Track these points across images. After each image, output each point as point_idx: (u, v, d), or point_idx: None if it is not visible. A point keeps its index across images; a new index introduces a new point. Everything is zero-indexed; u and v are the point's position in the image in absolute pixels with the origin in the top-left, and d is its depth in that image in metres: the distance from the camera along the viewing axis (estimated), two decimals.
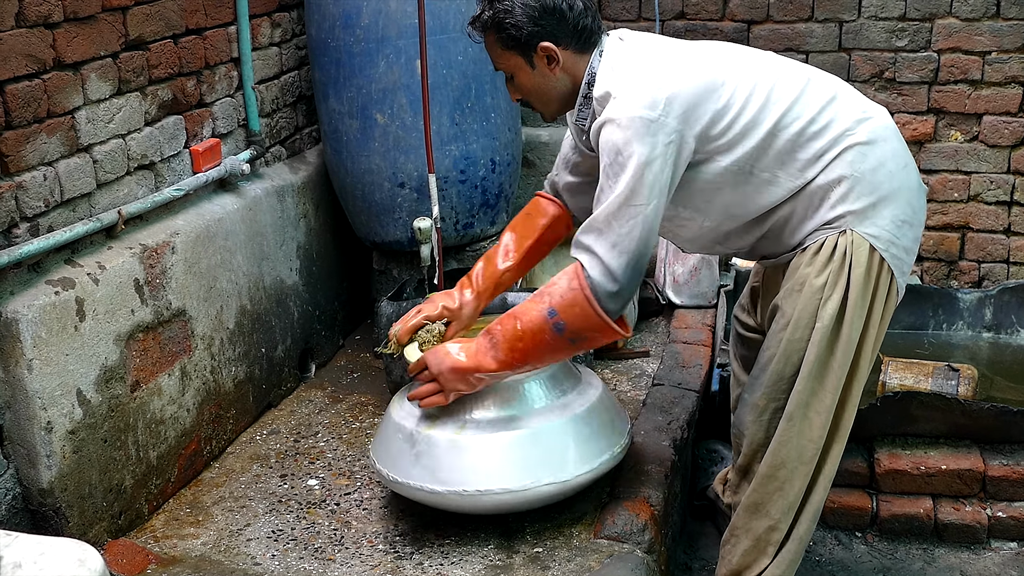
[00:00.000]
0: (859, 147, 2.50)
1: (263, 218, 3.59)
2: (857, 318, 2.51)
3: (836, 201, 2.50)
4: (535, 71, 2.60)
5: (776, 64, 2.61)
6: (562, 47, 2.56)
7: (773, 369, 2.60)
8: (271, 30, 3.79)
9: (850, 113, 2.54)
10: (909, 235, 2.57)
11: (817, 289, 2.51)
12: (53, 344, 2.60)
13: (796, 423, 2.57)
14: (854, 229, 2.49)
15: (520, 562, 2.66)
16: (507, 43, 2.57)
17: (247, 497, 3.08)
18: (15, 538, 1.65)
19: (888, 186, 2.52)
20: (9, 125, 2.55)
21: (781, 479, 2.61)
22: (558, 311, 2.48)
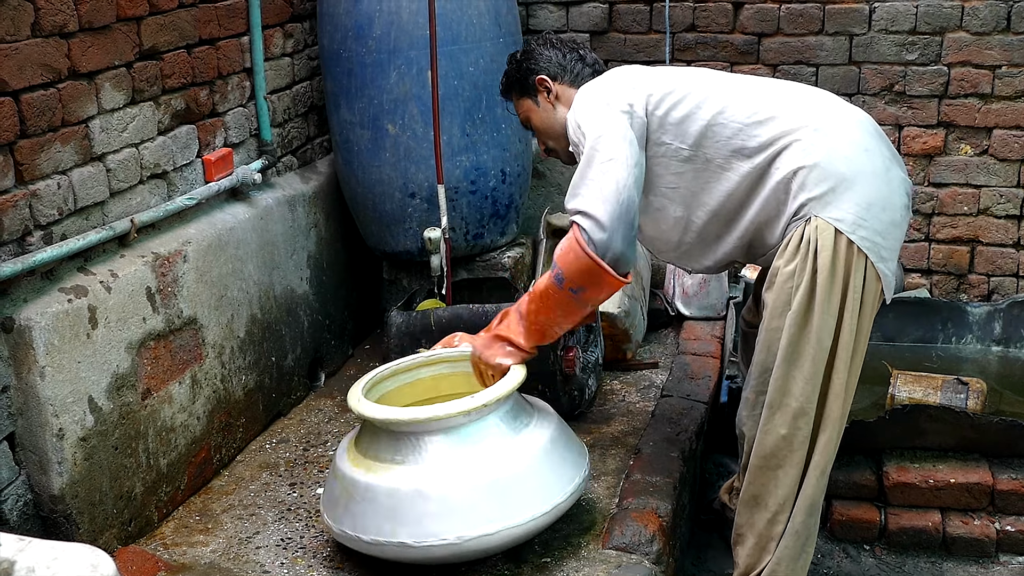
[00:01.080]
0: (810, 137, 2.59)
1: (274, 227, 3.61)
2: (828, 302, 2.54)
3: (796, 191, 2.58)
4: (540, 108, 2.94)
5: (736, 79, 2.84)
6: (556, 81, 2.92)
7: (756, 360, 2.67)
8: (283, 41, 3.81)
9: (807, 108, 2.67)
10: (882, 218, 2.58)
11: (787, 278, 2.58)
12: (65, 351, 2.62)
13: (777, 412, 2.61)
14: (818, 215, 2.55)
15: (528, 572, 2.67)
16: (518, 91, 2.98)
17: (256, 505, 3.09)
18: (28, 543, 1.66)
19: (846, 169, 2.57)
20: (24, 134, 2.57)
21: (772, 468, 2.64)
22: (557, 263, 2.63)
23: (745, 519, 2.72)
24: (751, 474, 2.68)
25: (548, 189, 4.68)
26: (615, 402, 3.66)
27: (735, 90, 2.71)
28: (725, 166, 2.66)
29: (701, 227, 2.77)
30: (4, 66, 2.49)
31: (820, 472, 2.65)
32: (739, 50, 4.53)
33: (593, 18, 4.67)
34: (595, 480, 3.11)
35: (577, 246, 2.57)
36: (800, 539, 2.68)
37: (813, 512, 2.69)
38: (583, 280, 2.61)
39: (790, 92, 2.74)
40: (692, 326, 4.22)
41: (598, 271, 2.57)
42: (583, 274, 2.60)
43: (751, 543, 2.71)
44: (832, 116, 2.66)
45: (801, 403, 2.58)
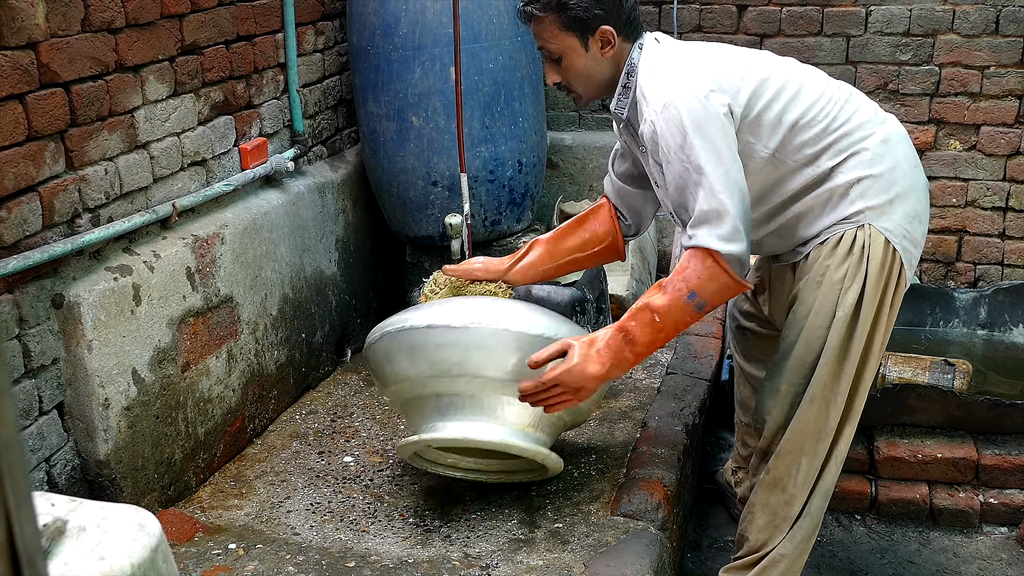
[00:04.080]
0: (876, 147, 2.53)
1: (305, 213, 3.61)
2: (871, 307, 2.52)
3: (856, 197, 2.51)
4: (588, 53, 2.57)
5: (798, 65, 2.65)
6: (617, 32, 2.55)
7: (795, 356, 2.59)
8: (315, 38, 3.81)
9: (866, 114, 2.58)
10: (919, 230, 2.58)
11: (837, 280, 2.52)
12: (111, 326, 2.63)
13: (816, 405, 2.57)
14: (871, 224, 2.50)
15: (541, 536, 2.68)
16: (568, 24, 2.53)
17: (287, 472, 3.10)
18: (80, 503, 1.67)
19: (902, 184, 2.54)
20: (74, 123, 2.58)
21: (798, 455, 2.61)
22: (698, 292, 2.42)
23: (762, 499, 2.69)
24: (776, 459, 2.64)
25: (561, 179, 4.68)
26: (623, 379, 3.66)
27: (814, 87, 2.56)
28: (796, 168, 2.54)
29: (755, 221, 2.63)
30: (56, 59, 2.49)
31: (840, 461, 2.65)
32: None
33: None
34: (604, 451, 3.12)
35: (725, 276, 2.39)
36: (815, 521, 2.68)
37: (828, 496, 2.68)
38: (722, 298, 2.50)
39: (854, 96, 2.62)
40: None
41: (738, 287, 2.47)
42: (726, 296, 2.50)
43: (764, 521, 2.68)
44: (891, 128, 2.60)
45: (841, 399, 2.56)
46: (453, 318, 2.62)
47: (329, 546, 2.68)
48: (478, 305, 2.68)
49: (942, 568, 3.19)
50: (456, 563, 2.57)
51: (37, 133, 2.46)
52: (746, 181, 2.48)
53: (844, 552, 3.28)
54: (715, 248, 2.38)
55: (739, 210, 2.39)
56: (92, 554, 1.55)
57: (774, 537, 2.67)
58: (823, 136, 2.52)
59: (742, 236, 2.40)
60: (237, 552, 2.63)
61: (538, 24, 2.58)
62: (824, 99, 2.55)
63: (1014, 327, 4.06)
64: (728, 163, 2.40)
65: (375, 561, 2.59)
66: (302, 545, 2.68)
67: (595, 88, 2.65)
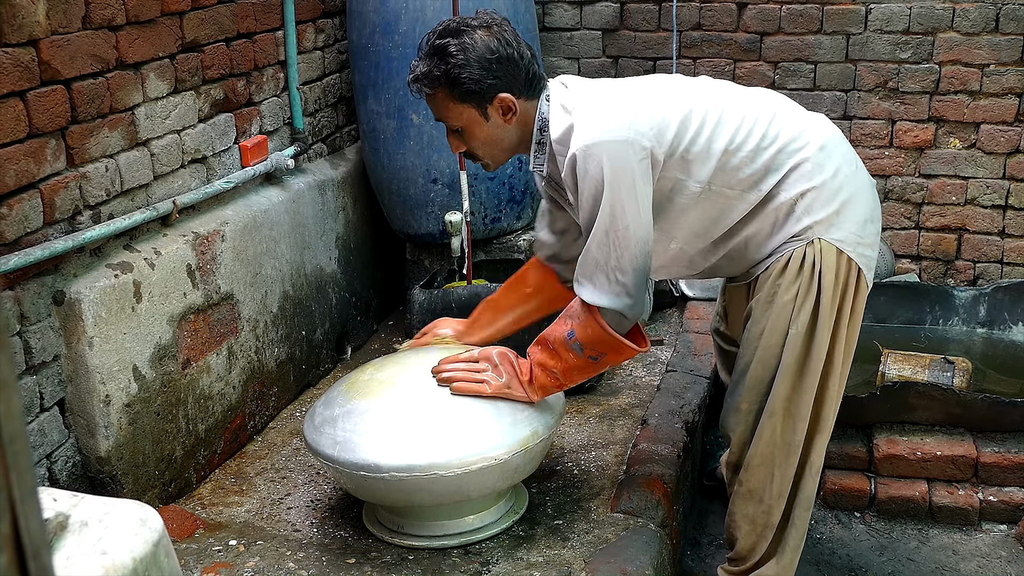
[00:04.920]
0: (814, 157, 2.45)
1: (305, 210, 3.62)
2: (828, 320, 2.47)
3: (801, 213, 2.44)
4: (489, 123, 2.45)
5: (716, 89, 2.56)
6: (515, 96, 2.43)
7: (751, 375, 2.56)
8: (315, 35, 3.82)
9: (795, 126, 2.49)
10: (871, 230, 2.52)
11: (787, 302, 2.47)
12: (112, 323, 2.64)
13: (778, 419, 2.55)
14: (821, 237, 2.45)
15: (541, 533, 2.68)
16: (463, 97, 2.40)
17: (287, 469, 3.11)
18: (81, 499, 1.68)
19: (847, 190, 2.47)
20: (75, 120, 2.59)
21: (769, 467, 2.60)
22: (579, 338, 2.45)
23: (740, 509, 2.68)
24: (747, 472, 2.63)
25: None
26: (623, 377, 3.67)
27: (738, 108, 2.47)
28: (738, 195, 2.46)
29: (694, 254, 2.61)
30: (57, 56, 2.50)
31: (815, 471, 2.63)
32: (742, 48, 4.52)
33: (605, 16, 4.66)
34: (604, 449, 3.12)
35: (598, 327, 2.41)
36: (800, 531, 2.67)
37: (810, 506, 2.67)
38: (606, 351, 2.48)
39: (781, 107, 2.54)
40: (695, 306, 4.23)
41: (622, 347, 2.47)
42: (608, 350, 2.48)
43: (746, 530, 2.68)
44: (825, 132, 2.51)
45: (804, 412, 2.54)
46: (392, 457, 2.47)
47: (329, 543, 2.68)
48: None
49: (941, 565, 3.20)
50: (456, 559, 2.57)
51: (38, 130, 2.47)
52: (679, 218, 2.48)
53: (843, 549, 3.29)
54: (591, 302, 2.41)
55: (625, 267, 2.37)
56: (94, 549, 1.56)
57: (760, 544, 2.67)
58: (756, 156, 2.44)
59: (626, 294, 2.39)
60: (238, 548, 2.64)
61: (431, 100, 2.47)
62: (749, 120, 2.46)
63: (1013, 325, 4.07)
64: (630, 219, 2.34)
65: (375, 558, 2.60)
66: (302, 542, 2.69)
67: (504, 153, 2.54)
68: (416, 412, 2.52)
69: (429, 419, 2.50)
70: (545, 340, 2.53)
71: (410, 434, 2.48)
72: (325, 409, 2.65)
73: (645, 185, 2.36)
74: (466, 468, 2.44)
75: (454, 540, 2.63)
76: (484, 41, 2.40)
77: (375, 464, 2.45)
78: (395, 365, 2.72)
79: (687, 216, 2.50)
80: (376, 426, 2.51)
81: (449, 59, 2.39)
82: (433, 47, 2.43)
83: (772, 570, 2.68)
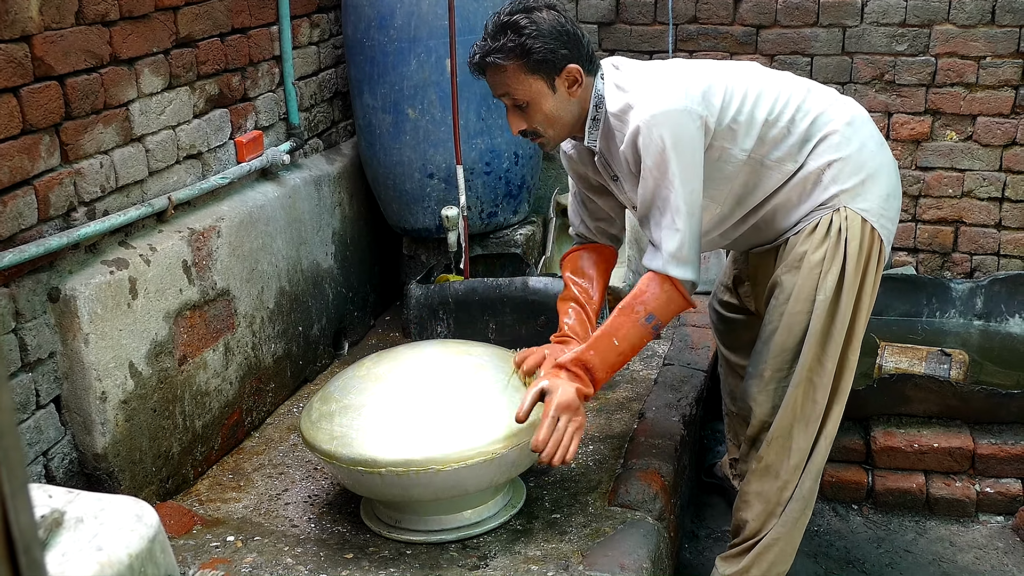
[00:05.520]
0: (842, 130, 2.57)
1: (301, 206, 3.61)
2: (853, 287, 2.55)
3: (828, 183, 2.55)
4: (556, 95, 2.53)
5: (753, 69, 2.70)
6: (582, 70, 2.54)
7: (776, 341, 2.62)
8: (310, 30, 3.81)
9: (825, 101, 2.63)
10: (894, 206, 2.63)
11: (815, 264, 2.55)
12: (108, 320, 2.63)
13: (803, 389, 2.60)
14: (847, 206, 2.54)
15: (539, 527, 2.68)
16: (534, 67, 2.49)
17: (285, 464, 3.11)
18: (77, 495, 1.67)
19: (872, 164, 2.58)
20: (69, 116, 2.58)
21: (788, 439, 2.63)
22: (656, 314, 2.50)
23: (755, 487, 2.70)
24: (766, 446, 2.65)
25: (558, 171, 4.67)
26: (621, 371, 3.66)
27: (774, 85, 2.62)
28: (774, 166, 2.58)
29: (731, 223, 2.71)
30: (51, 52, 2.49)
31: (829, 440, 2.66)
32: (738, 41, 4.51)
33: (601, 10, 4.65)
34: (601, 442, 3.12)
35: (681, 298, 2.50)
36: (804, 503, 2.69)
37: (819, 477, 2.70)
38: (673, 316, 2.59)
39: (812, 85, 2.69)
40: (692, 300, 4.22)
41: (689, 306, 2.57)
42: (676, 314, 2.58)
43: (759, 509, 2.69)
44: (854, 110, 2.64)
45: (827, 381, 2.58)
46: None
47: (327, 538, 2.68)
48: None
49: (938, 557, 3.20)
50: (454, 553, 2.57)
51: (32, 126, 2.46)
52: (723, 185, 2.59)
53: (841, 541, 3.29)
54: (674, 275, 2.48)
55: (694, 234, 2.48)
56: (90, 545, 1.55)
57: (769, 522, 2.69)
58: (792, 127, 2.56)
59: (695, 260, 2.50)
60: (235, 544, 2.63)
61: (499, 74, 2.53)
62: (785, 94, 2.60)
63: (1010, 317, 4.07)
64: (693, 185, 2.45)
65: (373, 553, 2.59)
66: (300, 537, 2.69)
67: (565, 129, 2.61)
68: (413, 407, 2.52)
69: (426, 414, 2.50)
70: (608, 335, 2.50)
71: (407, 429, 2.47)
72: (322, 405, 2.65)
73: (701, 152, 2.49)
74: (463, 462, 2.44)
75: (452, 535, 2.63)
76: (553, 16, 2.54)
77: (372, 459, 2.45)
78: (392, 360, 2.72)
79: (732, 184, 2.61)
80: (373, 421, 2.51)
81: (523, 31, 2.49)
82: (503, 23, 2.52)
83: (775, 534, 2.69)
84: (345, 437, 2.50)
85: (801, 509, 2.69)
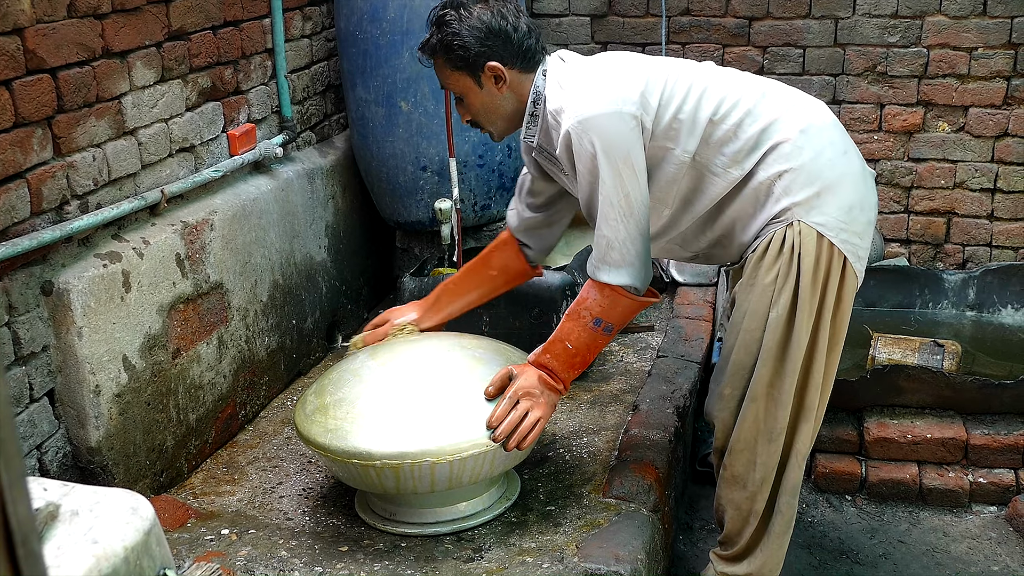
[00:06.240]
0: (795, 139, 2.47)
1: (294, 199, 3.61)
2: (810, 305, 2.47)
3: (780, 195, 2.46)
4: (483, 90, 2.57)
5: (705, 67, 2.63)
6: (508, 67, 2.54)
7: (734, 360, 2.58)
8: (303, 23, 3.80)
9: (780, 107, 2.52)
10: (860, 219, 2.50)
11: (768, 284, 2.48)
12: (101, 313, 2.63)
13: (760, 404, 2.55)
14: (801, 220, 2.45)
15: (534, 519, 2.68)
16: (456, 64, 2.54)
17: (279, 458, 3.10)
18: (72, 488, 1.67)
19: (830, 174, 2.47)
20: (61, 109, 2.57)
21: (751, 452, 2.60)
22: (604, 318, 2.52)
23: (725, 494, 2.69)
24: (730, 456, 2.63)
25: None
26: (614, 362, 3.67)
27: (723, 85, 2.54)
28: (719, 173, 2.51)
29: (685, 228, 2.65)
30: (43, 45, 2.48)
31: (801, 458, 2.62)
32: (731, 33, 4.51)
33: (593, 2, 4.65)
34: (595, 434, 3.12)
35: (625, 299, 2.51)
36: (787, 518, 2.66)
37: (796, 492, 2.67)
38: (629, 318, 2.60)
39: (766, 87, 2.59)
40: (686, 292, 4.23)
41: (642, 306, 2.58)
42: (631, 316, 2.59)
43: (732, 515, 2.69)
44: (812, 116, 2.53)
45: (786, 398, 2.53)
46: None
47: (322, 531, 2.68)
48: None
49: (932, 547, 3.21)
50: (449, 546, 2.57)
51: (24, 119, 2.45)
52: (670, 188, 2.55)
53: (835, 532, 3.30)
54: (603, 280, 2.49)
55: (629, 236, 2.46)
56: (85, 538, 1.55)
57: (745, 530, 2.68)
58: (738, 131, 2.48)
59: (630, 262, 2.48)
60: (230, 537, 2.63)
61: (435, 68, 2.62)
62: (734, 95, 2.51)
63: (1002, 308, 4.08)
64: (627, 188, 2.43)
65: (368, 545, 2.59)
66: (295, 530, 2.68)
67: (504, 121, 2.64)
68: (407, 399, 2.52)
69: (420, 406, 2.50)
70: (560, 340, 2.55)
71: (402, 421, 2.47)
72: (316, 398, 2.64)
73: (639, 151, 2.45)
74: (458, 455, 2.44)
75: (447, 527, 2.63)
76: (479, 13, 2.53)
77: (367, 452, 2.45)
78: (386, 353, 2.72)
79: (677, 186, 2.55)
80: (368, 414, 2.51)
81: (444, 28, 2.53)
82: (434, 17, 2.59)
83: (759, 559, 2.68)
84: (340, 430, 2.50)
85: (784, 524, 2.66)
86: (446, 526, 2.63)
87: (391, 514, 2.68)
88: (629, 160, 2.42)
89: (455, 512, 2.66)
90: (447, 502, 2.64)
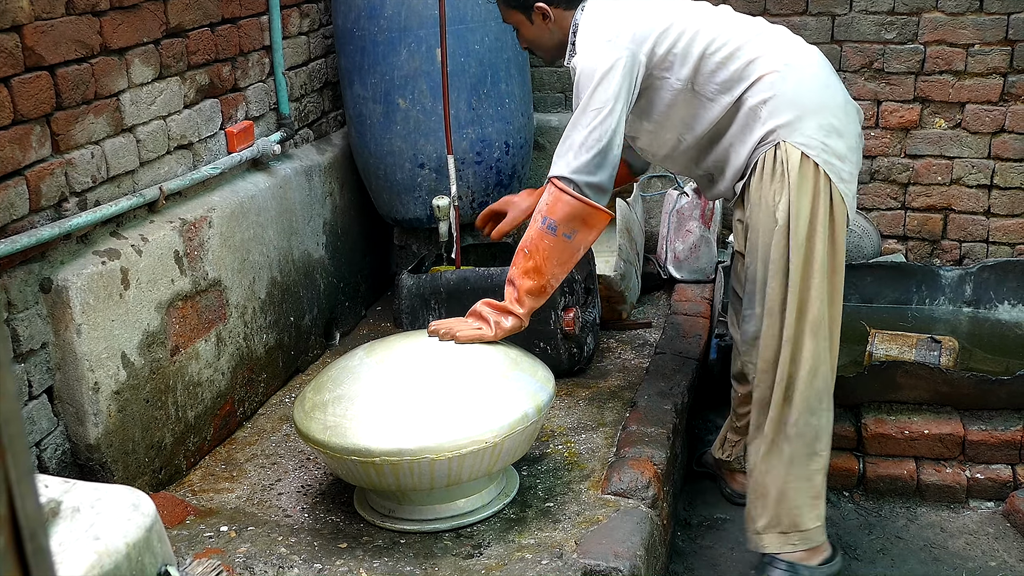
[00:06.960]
0: (781, 70, 2.71)
1: (292, 196, 3.61)
2: (802, 216, 2.65)
3: (766, 117, 2.70)
4: (533, 25, 2.95)
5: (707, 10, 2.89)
6: (553, 6, 2.89)
7: (751, 277, 2.81)
8: (300, 20, 3.80)
9: (768, 45, 2.77)
10: (840, 144, 2.70)
11: (769, 198, 2.70)
12: (100, 310, 2.63)
13: (775, 317, 2.71)
14: (785, 140, 2.67)
15: (533, 516, 2.69)
16: (511, 3, 2.95)
17: (278, 455, 3.11)
18: (73, 485, 1.67)
19: (809, 100, 2.70)
20: (60, 106, 2.57)
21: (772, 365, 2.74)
22: (550, 216, 2.72)
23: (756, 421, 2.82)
24: (759, 376, 2.79)
25: (548, 160, 4.65)
26: (612, 359, 3.68)
27: (719, 26, 2.80)
28: (712, 98, 2.77)
29: (687, 147, 2.90)
30: (41, 42, 2.48)
31: (808, 374, 2.70)
32: None
33: None
34: (594, 431, 3.13)
35: (563, 194, 2.71)
36: (805, 440, 2.75)
37: (814, 412, 2.74)
38: (575, 221, 2.73)
39: (762, 28, 2.85)
40: (683, 288, 4.23)
41: (589, 209, 2.72)
42: (576, 218, 2.73)
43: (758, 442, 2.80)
44: (798, 53, 2.79)
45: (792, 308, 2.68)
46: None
47: (321, 528, 2.69)
48: None
49: (929, 543, 3.22)
50: (448, 542, 2.58)
51: (23, 117, 2.45)
52: (670, 112, 2.83)
53: (832, 528, 3.30)
54: (559, 175, 2.73)
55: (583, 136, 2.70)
56: (87, 534, 1.56)
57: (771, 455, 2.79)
58: (727, 63, 2.74)
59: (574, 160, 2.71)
60: (229, 535, 2.64)
61: (497, 4, 3.02)
62: (725, 34, 2.77)
63: (999, 304, 4.09)
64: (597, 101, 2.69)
65: (367, 542, 2.60)
66: (294, 527, 2.69)
67: (550, 51, 3.01)
68: (406, 396, 2.53)
69: (420, 403, 2.51)
70: (519, 249, 2.79)
71: (401, 418, 2.48)
72: (315, 394, 2.65)
73: (624, 80, 2.72)
74: (457, 451, 2.44)
75: (446, 524, 2.64)
76: None
77: (366, 449, 2.45)
78: (385, 350, 2.72)
79: (675, 110, 2.84)
80: (367, 411, 2.51)
81: None
82: None
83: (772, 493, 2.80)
84: (338, 427, 2.50)
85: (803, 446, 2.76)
86: (445, 523, 2.64)
87: (390, 511, 2.69)
88: (609, 82, 2.70)
89: (454, 509, 2.66)
90: (446, 499, 2.64)
